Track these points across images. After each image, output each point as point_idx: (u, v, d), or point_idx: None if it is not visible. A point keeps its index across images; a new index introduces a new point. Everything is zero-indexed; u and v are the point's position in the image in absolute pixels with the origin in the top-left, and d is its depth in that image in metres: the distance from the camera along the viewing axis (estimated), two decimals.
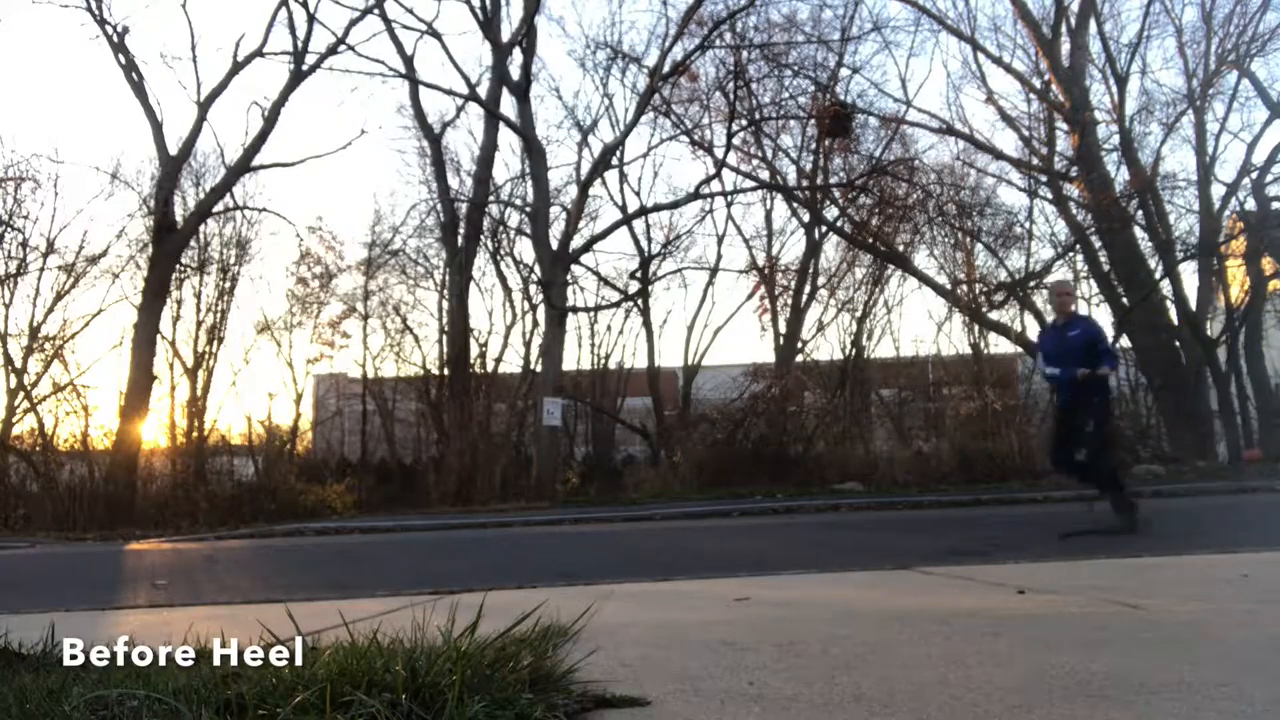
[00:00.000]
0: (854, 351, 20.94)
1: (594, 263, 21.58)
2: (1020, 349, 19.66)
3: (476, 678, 1.85)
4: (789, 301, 22.10)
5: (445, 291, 20.98)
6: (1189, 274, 20.25)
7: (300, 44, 17.08)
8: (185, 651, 2.41)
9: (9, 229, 17.79)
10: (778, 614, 3.32)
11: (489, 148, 19.99)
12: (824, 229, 21.29)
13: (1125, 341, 19.75)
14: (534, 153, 18.27)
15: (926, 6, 19.99)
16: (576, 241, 19.08)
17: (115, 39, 16.59)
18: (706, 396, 21.69)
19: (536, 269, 19.78)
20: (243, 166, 17.44)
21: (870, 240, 19.78)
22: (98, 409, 17.06)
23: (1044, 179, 20.57)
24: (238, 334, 36.54)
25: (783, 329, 21.92)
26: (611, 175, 21.43)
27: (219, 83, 17.09)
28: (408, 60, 19.07)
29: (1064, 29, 19.39)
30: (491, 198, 20.43)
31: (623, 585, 4.48)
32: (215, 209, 18.43)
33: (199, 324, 20.02)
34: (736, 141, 19.16)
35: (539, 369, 19.04)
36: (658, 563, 6.20)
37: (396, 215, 37.17)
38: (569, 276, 19.16)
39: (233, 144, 28.90)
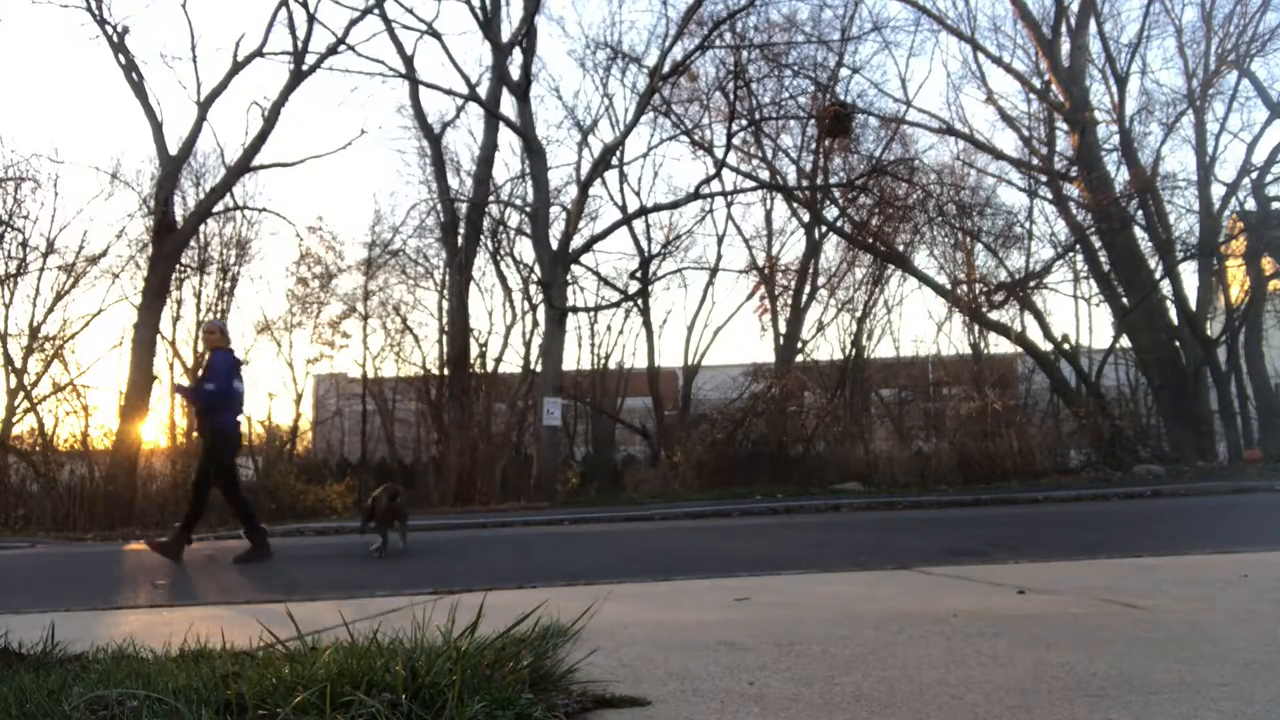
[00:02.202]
0: (854, 351, 20.96)
1: (594, 263, 21.66)
2: (1020, 349, 19.68)
3: (476, 678, 1.85)
4: (789, 301, 22.12)
5: (445, 291, 21.01)
6: (1189, 274, 20.30)
7: (300, 44, 17.09)
8: (185, 651, 2.41)
9: (9, 229, 17.81)
10: (778, 614, 3.32)
11: (489, 148, 20.01)
12: (824, 229, 21.31)
13: (1125, 341, 19.80)
14: (534, 153, 18.27)
15: (926, 6, 20.04)
16: (576, 241, 19.10)
17: (115, 39, 16.60)
18: (706, 396, 21.72)
19: (536, 269, 19.80)
20: (243, 166, 17.44)
21: (870, 240, 19.78)
22: (98, 409, 17.08)
23: (1044, 179, 20.59)
24: (238, 334, 36.62)
25: (783, 329, 21.94)
26: (611, 175, 21.50)
27: (219, 83, 17.10)
28: (408, 60, 19.10)
29: (1064, 29, 19.40)
30: (491, 198, 20.45)
31: (623, 585, 4.48)
32: (215, 209, 18.45)
33: (199, 324, 20.05)
34: (736, 141, 19.19)
35: (539, 369, 19.04)
36: (658, 563, 6.19)
37: (396, 215, 37.35)
38: (569, 276, 19.16)
39: (233, 144, 29.01)
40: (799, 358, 21.13)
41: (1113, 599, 3.26)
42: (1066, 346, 19.73)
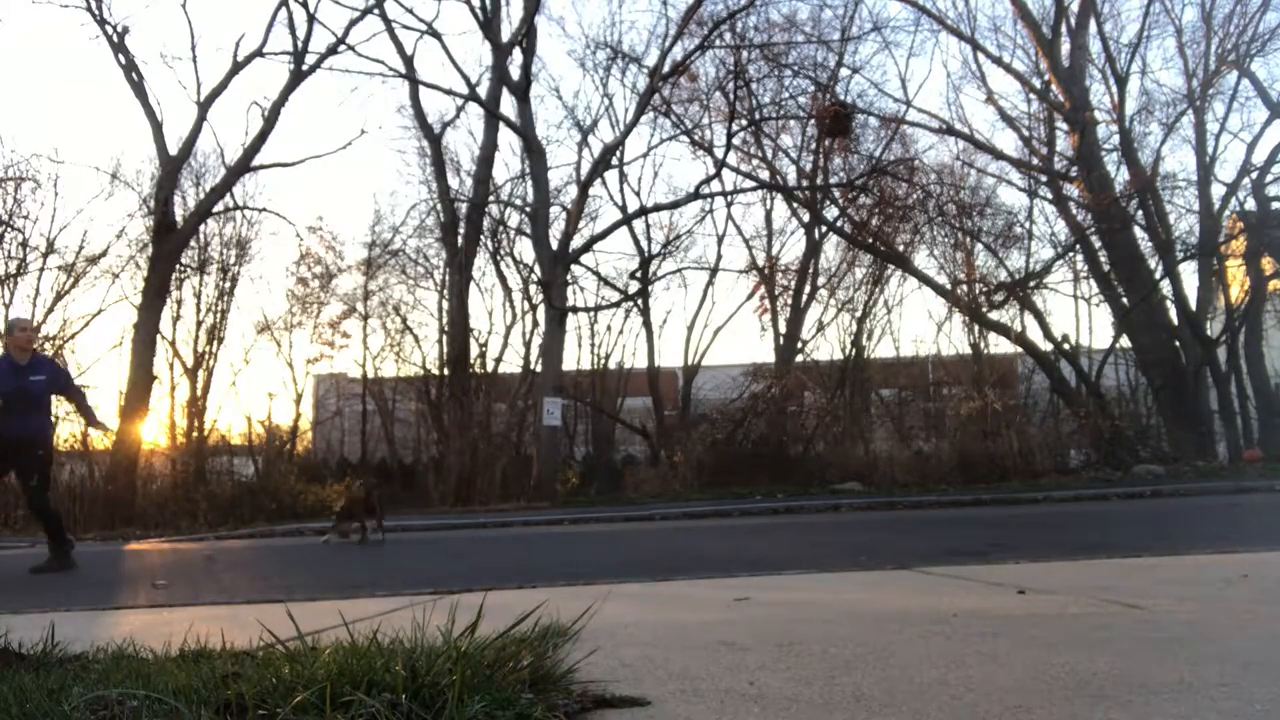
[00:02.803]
0: (854, 351, 20.97)
1: (594, 263, 21.66)
2: (1020, 349, 19.68)
3: (476, 678, 1.85)
4: (789, 301, 22.12)
5: (445, 291, 21.00)
6: (1189, 274, 20.31)
7: (300, 44, 17.10)
8: (185, 651, 2.41)
9: (9, 229, 17.83)
10: (778, 614, 3.32)
11: (489, 148, 20.01)
12: (824, 229, 21.31)
13: (1125, 341, 19.80)
14: (534, 153, 18.27)
15: (926, 6, 20.05)
16: (576, 241, 19.11)
17: (115, 39, 16.61)
18: (706, 396, 21.71)
19: (536, 269, 19.80)
20: (243, 166, 17.44)
21: (870, 240, 19.79)
22: (98, 409, 17.04)
23: (1044, 179, 20.60)
24: (238, 334, 36.69)
25: (783, 329, 21.94)
26: (611, 175, 21.50)
27: (219, 83, 17.11)
28: (408, 60, 19.10)
29: (1064, 29, 19.41)
30: (491, 198, 20.45)
31: (623, 585, 4.48)
32: (215, 209, 18.46)
33: (199, 324, 20.07)
34: (736, 141, 19.21)
35: (539, 369, 19.04)
36: (658, 563, 6.19)
37: (396, 215, 37.28)
38: (569, 276, 19.16)
39: (233, 144, 29.00)
40: (799, 358, 21.14)
41: (1113, 599, 3.26)
42: (1066, 346, 19.74)
